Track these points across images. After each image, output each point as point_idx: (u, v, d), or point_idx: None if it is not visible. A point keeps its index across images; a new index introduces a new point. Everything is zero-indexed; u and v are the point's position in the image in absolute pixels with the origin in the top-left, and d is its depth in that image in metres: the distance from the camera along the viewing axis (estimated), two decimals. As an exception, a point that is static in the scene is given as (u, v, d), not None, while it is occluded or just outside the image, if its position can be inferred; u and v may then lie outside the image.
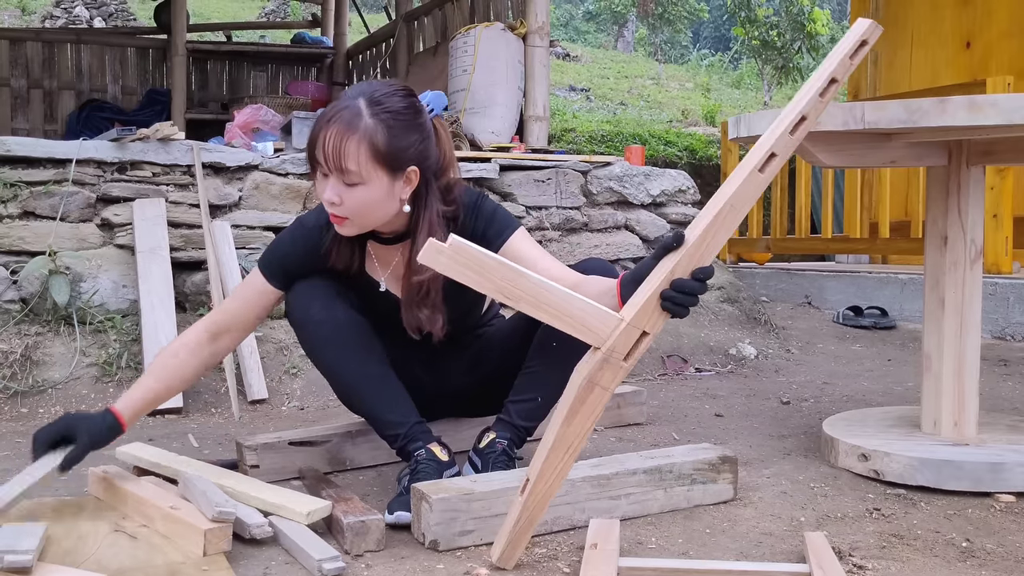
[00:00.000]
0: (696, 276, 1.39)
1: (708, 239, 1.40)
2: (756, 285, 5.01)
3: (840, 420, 2.28)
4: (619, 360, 1.40)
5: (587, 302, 1.39)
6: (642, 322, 1.40)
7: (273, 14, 16.32)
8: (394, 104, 1.69)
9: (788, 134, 1.41)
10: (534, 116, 4.43)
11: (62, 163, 3.11)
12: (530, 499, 1.45)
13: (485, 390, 2.02)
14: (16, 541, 1.42)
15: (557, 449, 1.42)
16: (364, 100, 1.68)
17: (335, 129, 1.65)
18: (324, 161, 1.66)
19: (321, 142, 1.66)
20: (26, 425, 2.54)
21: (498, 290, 1.35)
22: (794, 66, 12.81)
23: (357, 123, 1.65)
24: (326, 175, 1.68)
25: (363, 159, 1.65)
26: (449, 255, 1.31)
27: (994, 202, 4.15)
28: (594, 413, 1.42)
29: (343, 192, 1.67)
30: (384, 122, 1.67)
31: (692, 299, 1.38)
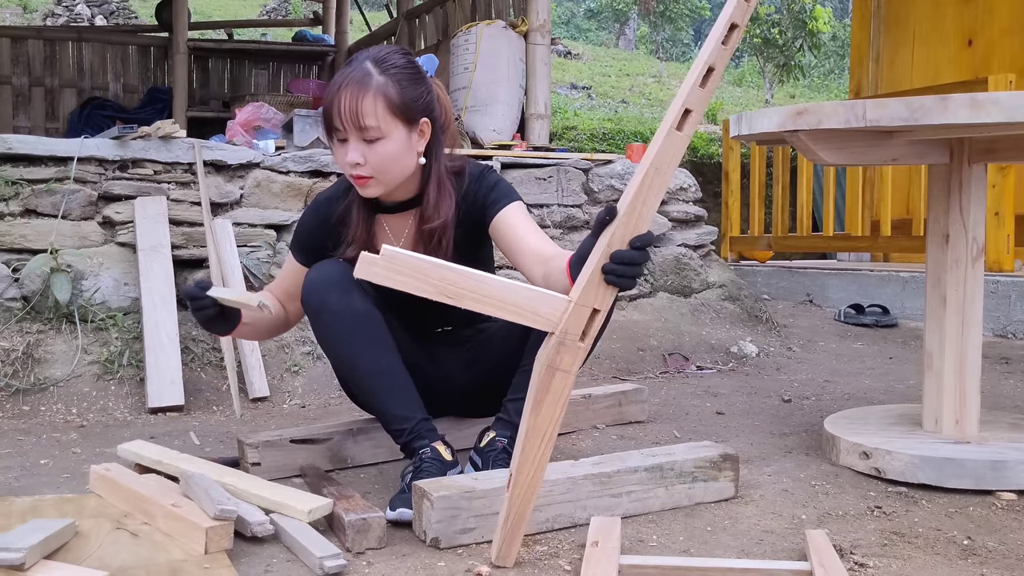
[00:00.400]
0: (633, 244, 1.37)
1: (639, 206, 1.37)
2: (757, 283, 5.01)
3: (841, 418, 2.28)
4: (575, 341, 1.39)
5: (532, 289, 1.39)
6: (589, 300, 1.38)
7: (274, 12, 16.32)
8: (398, 60, 1.79)
9: (699, 87, 1.37)
10: (535, 114, 4.43)
11: (64, 161, 3.11)
12: (515, 492, 1.45)
13: (486, 389, 2.03)
14: (14, 539, 1.42)
15: (531, 439, 1.42)
16: (370, 62, 1.76)
17: (349, 91, 1.72)
18: (343, 124, 1.73)
19: (337, 106, 1.73)
20: (28, 423, 2.54)
21: (439, 292, 1.35)
22: (796, 64, 12.80)
23: (368, 81, 1.73)
24: (344, 140, 1.75)
25: (380, 112, 1.73)
26: (383, 264, 1.32)
27: (996, 200, 4.15)
28: (561, 398, 1.41)
29: (365, 151, 1.74)
30: (393, 76, 1.75)
31: (633, 268, 1.36)
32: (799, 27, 12.40)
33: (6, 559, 1.37)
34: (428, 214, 1.84)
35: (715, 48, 1.37)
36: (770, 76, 13.29)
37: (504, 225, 1.82)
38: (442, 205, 1.85)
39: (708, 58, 1.37)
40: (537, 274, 1.69)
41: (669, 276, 3.97)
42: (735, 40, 1.39)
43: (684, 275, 3.97)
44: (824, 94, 16.30)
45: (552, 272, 1.61)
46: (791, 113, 1.88)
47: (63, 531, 1.52)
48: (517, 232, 1.79)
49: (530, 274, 1.72)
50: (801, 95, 15.65)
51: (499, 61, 4.34)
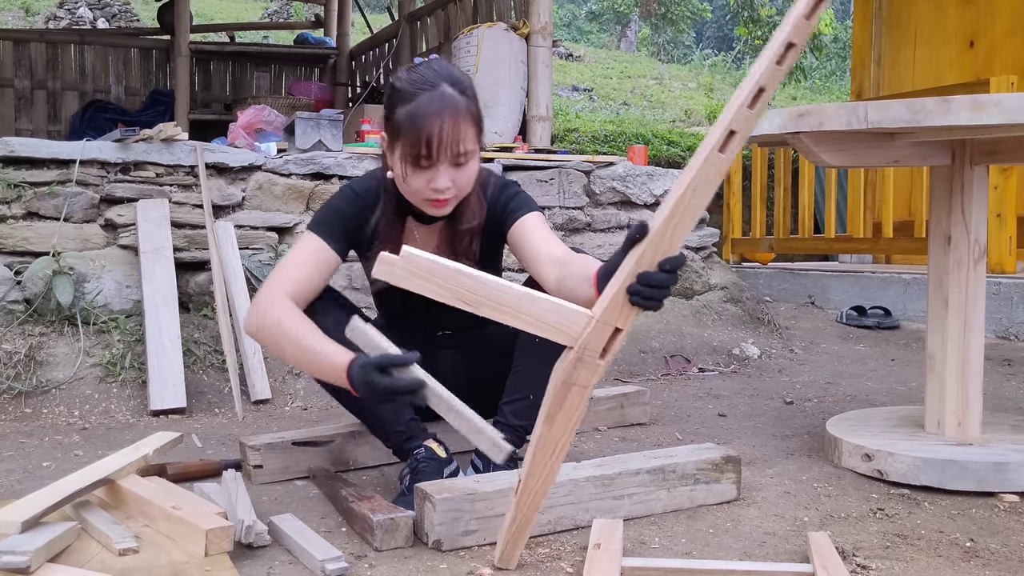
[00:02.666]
0: (663, 267, 1.31)
1: (671, 227, 1.30)
2: (759, 285, 5.01)
3: (844, 420, 2.28)
4: (594, 358, 1.35)
5: (552, 301, 1.35)
6: (612, 318, 1.33)
7: (276, 15, 16.33)
8: (463, 78, 1.76)
9: (746, 108, 1.27)
10: (537, 116, 4.43)
11: (66, 164, 3.12)
12: (522, 499, 1.44)
13: (484, 391, 2.02)
14: (19, 543, 1.42)
15: (542, 450, 1.41)
16: (448, 85, 1.72)
17: (446, 120, 1.68)
18: (441, 153, 1.69)
19: (438, 137, 1.68)
20: (30, 425, 2.55)
21: (456, 297, 1.32)
22: (797, 66, 12.78)
23: (459, 106, 1.70)
24: (429, 167, 1.70)
25: (471, 136, 1.72)
26: (402, 265, 1.30)
27: (998, 202, 4.15)
28: (576, 412, 1.38)
29: (454, 175, 1.72)
30: (471, 97, 1.75)
31: (659, 291, 1.31)
32: (800, 29, 12.37)
33: (12, 562, 1.37)
34: (467, 216, 1.84)
35: (768, 67, 1.27)
36: (772, 78, 13.25)
37: (522, 232, 1.82)
38: (477, 208, 1.86)
39: (760, 78, 1.27)
40: (551, 277, 1.68)
41: (671, 278, 3.96)
42: (791, 60, 1.30)
43: (686, 277, 3.97)
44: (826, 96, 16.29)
45: (568, 275, 1.60)
46: (793, 115, 1.88)
47: (67, 534, 1.52)
48: (534, 239, 1.79)
49: (545, 278, 1.71)
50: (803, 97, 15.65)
51: (501, 63, 4.34)
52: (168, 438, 1.92)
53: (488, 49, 4.34)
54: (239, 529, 1.54)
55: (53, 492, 1.58)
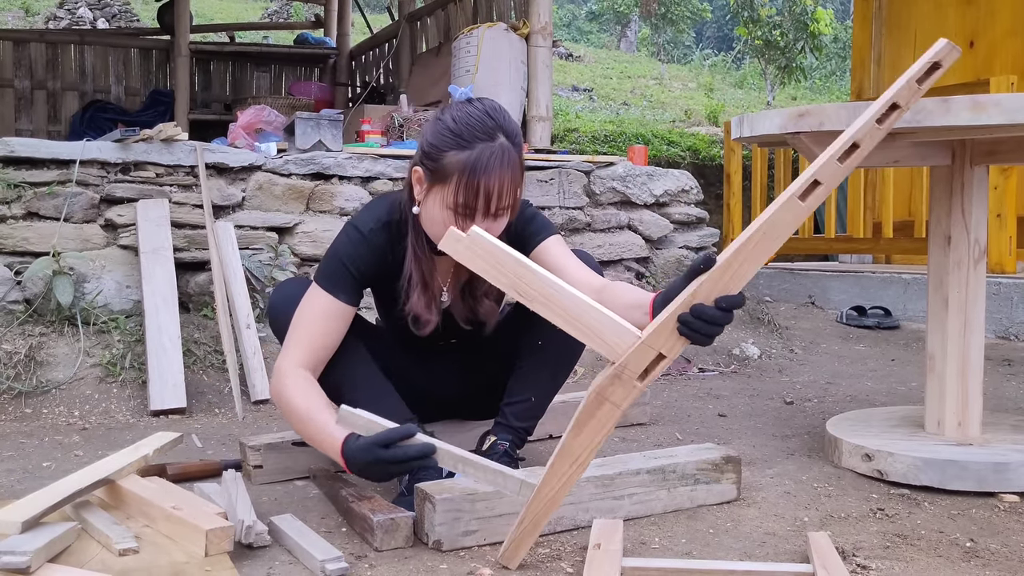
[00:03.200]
0: (719, 304, 1.30)
1: (735, 265, 1.30)
2: (759, 285, 5.01)
3: (844, 420, 2.28)
4: (632, 379, 1.34)
5: (605, 313, 1.34)
6: (658, 343, 1.33)
7: (276, 15, 16.33)
8: (514, 127, 1.69)
9: (836, 161, 1.28)
10: (537, 116, 4.43)
11: (66, 164, 3.12)
12: (535, 502, 1.45)
13: (485, 393, 2.03)
14: (20, 543, 1.42)
15: (563, 458, 1.41)
16: (503, 136, 1.66)
17: (508, 178, 1.64)
18: (494, 208, 1.64)
19: (496, 193, 1.63)
20: (30, 426, 2.55)
21: (511, 285, 1.33)
22: (797, 66, 12.78)
23: (516, 163, 1.66)
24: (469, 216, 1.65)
25: (518, 192, 1.69)
26: (467, 244, 1.32)
27: (998, 202, 4.15)
28: (604, 428, 1.38)
29: (490, 224, 1.67)
30: (519, 147, 1.68)
31: (710, 327, 1.30)
32: (800, 29, 12.38)
33: (12, 562, 1.37)
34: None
35: (867, 124, 1.28)
36: (771, 78, 13.29)
37: (546, 256, 1.78)
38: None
39: (856, 133, 1.28)
40: None
41: (670, 277, 3.97)
42: (891, 121, 1.29)
43: (686, 277, 3.96)
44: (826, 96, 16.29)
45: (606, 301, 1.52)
46: (793, 115, 1.88)
47: (67, 534, 1.52)
48: (560, 263, 1.76)
49: None
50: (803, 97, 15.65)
51: (501, 63, 4.34)
52: (168, 438, 1.92)
53: (488, 49, 4.34)
54: (239, 529, 1.54)
55: (53, 492, 1.58)
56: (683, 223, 4.15)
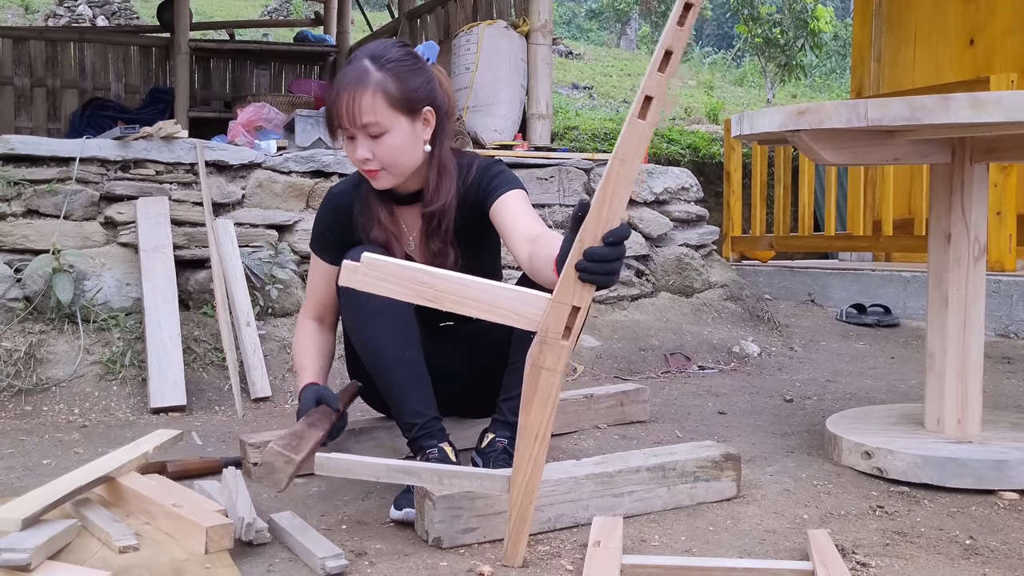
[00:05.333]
0: (605, 240, 1.34)
1: (608, 198, 1.33)
2: (759, 283, 5.01)
3: (843, 418, 2.28)
4: (556, 339, 1.38)
5: (512, 289, 1.40)
6: (567, 297, 1.37)
7: (276, 12, 16.31)
8: (394, 54, 1.83)
9: (657, 72, 1.33)
10: (537, 114, 4.43)
11: (66, 161, 3.12)
12: (513, 492, 1.46)
13: (482, 388, 2.03)
14: (20, 540, 1.42)
15: (524, 438, 1.43)
16: (367, 59, 1.81)
17: (348, 91, 1.77)
18: (346, 124, 1.78)
19: (338, 107, 1.78)
20: (30, 423, 2.55)
21: (418, 295, 1.37)
22: (797, 64, 12.78)
23: (367, 79, 1.78)
24: (352, 137, 1.80)
25: (380, 108, 1.77)
26: (364, 271, 1.36)
27: (997, 199, 4.15)
28: (550, 398, 1.41)
29: (372, 146, 1.79)
30: (390, 71, 1.79)
31: (605, 265, 1.34)
32: (800, 27, 12.38)
33: (12, 559, 1.37)
34: (429, 197, 1.89)
35: (671, 28, 1.34)
36: (771, 76, 13.28)
37: (500, 210, 1.84)
38: (442, 188, 1.89)
39: (665, 41, 1.33)
40: (523, 254, 1.71)
41: (671, 276, 3.97)
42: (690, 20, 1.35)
43: (686, 275, 3.97)
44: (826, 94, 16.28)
45: (536, 253, 1.63)
46: (793, 113, 1.88)
47: (67, 531, 1.52)
48: (510, 216, 1.82)
49: (519, 256, 1.74)
50: (803, 95, 15.64)
51: (501, 61, 4.34)
52: (168, 436, 1.92)
53: (488, 47, 4.34)
54: (239, 527, 1.54)
55: (53, 490, 1.58)
56: (683, 221, 4.14)
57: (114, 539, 1.51)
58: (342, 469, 1.50)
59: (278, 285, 3.16)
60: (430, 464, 1.56)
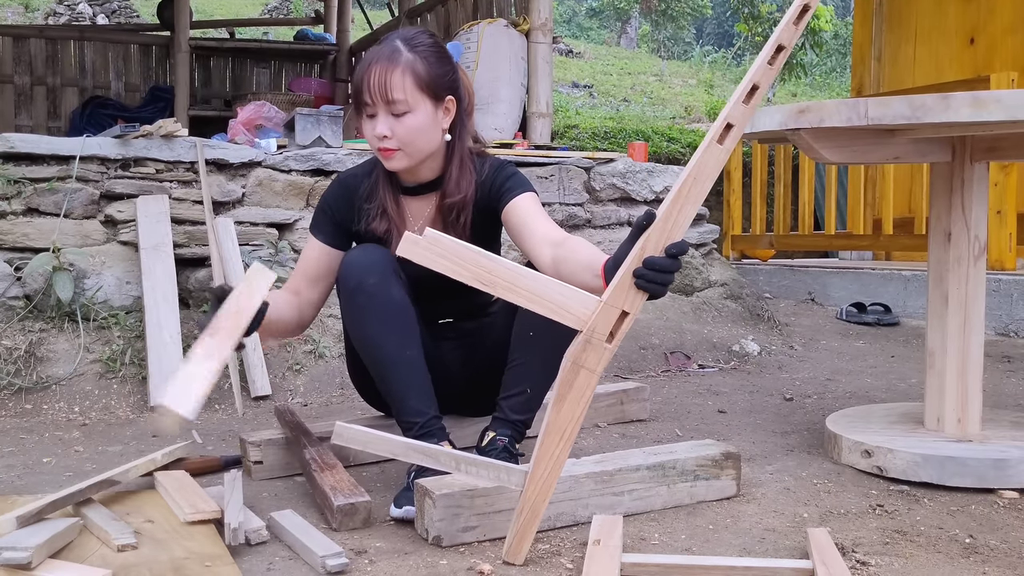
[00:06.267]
0: (668, 252, 1.40)
1: (675, 213, 1.40)
2: (759, 282, 5.01)
3: (843, 416, 2.28)
4: (601, 341, 1.42)
5: (564, 286, 1.43)
6: (619, 301, 1.41)
7: (276, 11, 16.30)
8: (425, 39, 1.87)
9: (742, 103, 1.42)
10: (537, 112, 4.43)
11: (66, 160, 3.12)
12: (530, 488, 1.46)
13: (482, 386, 2.03)
14: (21, 538, 1.42)
15: (551, 435, 1.44)
16: (399, 40, 1.84)
17: (379, 66, 1.79)
18: (372, 99, 1.79)
19: (367, 81, 1.79)
20: (30, 421, 2.55)
21: (474, 277, 1.40)
22: (797, 63, 12.78)
23: (398, 57, 1.80)
24: (373, 115, 1.81)
25: (408, 86, 1.79)
26: (424, 245, 1.37)
27: (998, 198, 4.14)
28: (583, 397, 1.43)
29: (393, 124, 1.80)
30: (421, 53, 1.82)
31: (664, 275, 1.39)
32: (801, 25, 12.36)
33: (13, 558, 1.37)
34: (450, 189, 1.90)
35: (760, 67, 1.43)
36: (772, 74, 13.25)
37: (515, 211, 1.86)
38: (463, 181, 1.90)
39: (753, 76, 1.42)
40: (545, 256, 1.71)
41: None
42: (780, 61, 1.44)
43: (686, 274, 3.97)
44: (826, 92, 16.28)
45: (564, 257, 1.64)
46: (793, 111, 1.88)
47: (68, 530, 1.52)
48: (527, 218, 1.83)
49: (538, 257, 1.74)
50: (803, 93, 15.64)
51: (501, 60, 4.34)
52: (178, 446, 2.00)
53: (488, 45, 4.34)
54: (227, 532, 1.54)
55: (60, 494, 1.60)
56: (683, 220, 4.14)
57: (113, 537, 1.51)
58: (359, 441, 1.49)
59: (278, 284, 3.16)
60: (449, 449, 1.57)
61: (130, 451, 2.24)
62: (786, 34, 1.45)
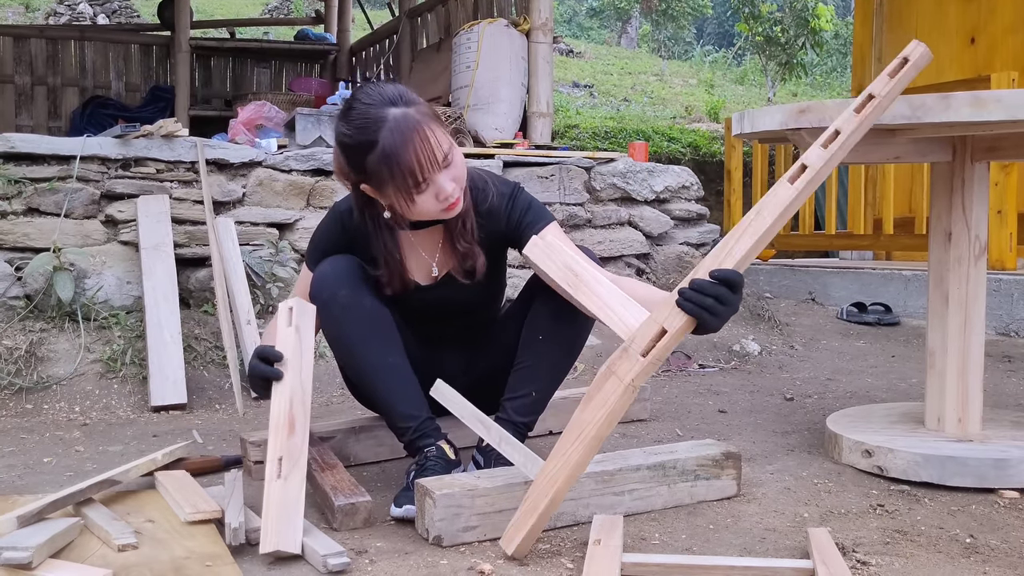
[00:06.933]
0: (711, 275, 1.41)
1: (731, 243, 1.44)
2: (760, 281, 5.01)
3: (844, 416, 2.28)
4: (636, 352, 1.44)
5: (627, 298, 1.51)
6: (660, 317, 1.44)
7: (276, 11, 16.30)
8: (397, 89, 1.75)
9: (820, 147, 1.45)
10: (538, 112, 4.43)
11: (66, 160, 3.12)
12: (538, 479, 1.49)
13: (485, 388, 2.03)
14: (21, 538, 1.42)
15: (569, 431, 1.47)
16: (388, 107, 1.69)
17: (412, 138, 1.66)
18: (432, 168, 1.68)
19: (416, 157, 1.66)
20: (31, 421, 2.55)
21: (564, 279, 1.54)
22: (798, 62, 12.76)
23: (412, 118, 1.68)
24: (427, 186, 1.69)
25: (439, 134, 1.71)
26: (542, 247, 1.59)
27: (998, 198, 4.14)
28: (607, 403, 1.44)
29: (451, 174, 1.72)
30: (416, 103, 1.73)
31: (701, 297, 1.40)
32: (801, 25, 12.37)
33: (14, 558, 1.37)
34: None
35: (848, 114, 1.46)
36: (772, 74, 13.27)
37: None
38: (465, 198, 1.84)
39: (838, 122, 1.45)
40: None
41: (671, 274, 3.97)
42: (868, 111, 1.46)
43: (686, 273, 3.96)
44: (826, 92, 16.27)
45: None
46: (793, 111, 1.88)
47: (69, 530, 1.52)
48: None
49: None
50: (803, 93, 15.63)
51: (501, 59, 4.34)
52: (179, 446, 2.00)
53: (489, 45, 4.34)
54: (228, 532, 1.54)
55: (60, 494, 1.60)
56: (684, 219, 4.14)
57: (113, 537, 1.51)
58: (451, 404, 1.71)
59: (279, 283, 3.16)
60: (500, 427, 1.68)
61: (131, 451, 2.24)
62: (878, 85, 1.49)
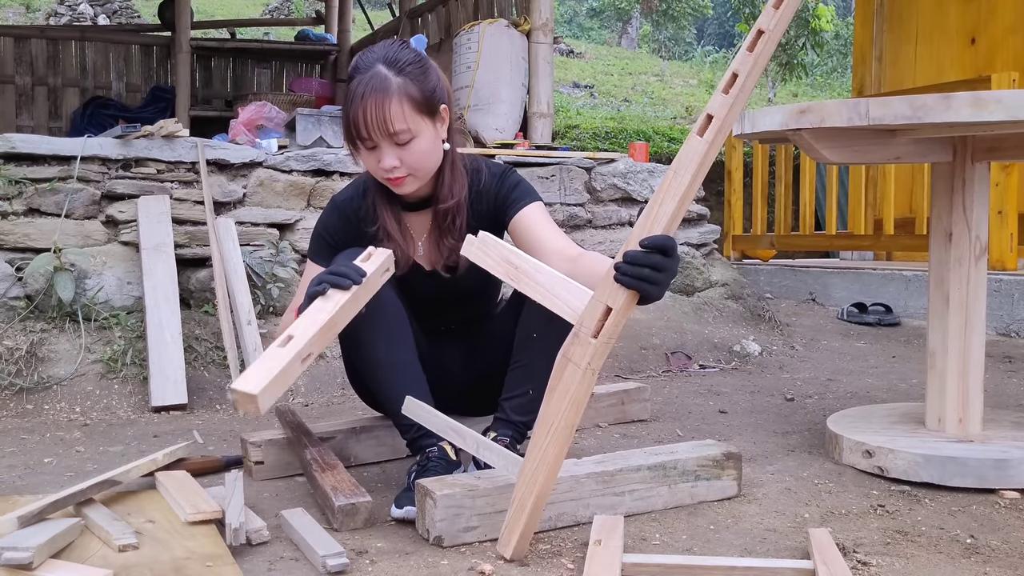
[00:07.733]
0: (641, 244, 1.36)
1: (655, 208, 1.38)
2: (760, 282, 5.01)
3: (844, 417, 2.28)
4: (588, 336, 1.41)
5: (569, 282, 1.46)
6: (603, 296, 1.40)
7: (277, 11, 16.31)
8: (407, 56, 1.78)
9: (722, 93, 1.38)
10: (538, 113, 4.43)
11: (67, 160, 3.12)
12: (520, 480, 1.47)
13: (484, 387, 2.03)
14: (22, 538, 1.42)
15: (540, 427, 1.45)
16: (382, 65, 1.75)
17: (372, 99, 1.71)
18: (371, 134, 1.73)
19: (363, 118, 1.72)
20: (31, 422, 2.55)
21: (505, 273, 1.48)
22: (798, 63, 12.78)
23: (388, 86, 1.73)
24: (373, 147, 1.75)
25: (408, 114, 1.73)
26: (477, 245, 1.51)
27: (999, 198, 4.14)
28: (570, 392, 1.42)
29: (400, 153, 1.75)
30: (409, 75, 1.75)
31: (637, 268, 1.35)
32: (802, 25, 12.38)
33: (15, 558, 1.37)
34: (443, 195, 1.86)
35: (741, 53, 1.40)
36: (773, 75, 13.28)
37: (525, 223, 1.83)
38: (455, 186, 1.87)
39: (734, 64, 1.39)
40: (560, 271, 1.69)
41: (672, 275, 3.97)
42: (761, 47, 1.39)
43: (687, 274, 3.97)
44: (827, 92, 16.28)
45: (578, 272, 1.61)
46: (794, 112, 1.88)
47: (70, 530, 1.52)
48: (538, 231, 1.81)
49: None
50: (804, 94, 15.64)
51: (502, 60, 4.34)
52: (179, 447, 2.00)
53: (489, 46, 4.34)
54: (228, 532, 1.54)
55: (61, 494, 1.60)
56: (684, 219, 4.14)
57: (114, 538, 1.51)
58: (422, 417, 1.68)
59: (279, 284, 3.17)
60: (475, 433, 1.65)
61: (131, 451, 2.24)
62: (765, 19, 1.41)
